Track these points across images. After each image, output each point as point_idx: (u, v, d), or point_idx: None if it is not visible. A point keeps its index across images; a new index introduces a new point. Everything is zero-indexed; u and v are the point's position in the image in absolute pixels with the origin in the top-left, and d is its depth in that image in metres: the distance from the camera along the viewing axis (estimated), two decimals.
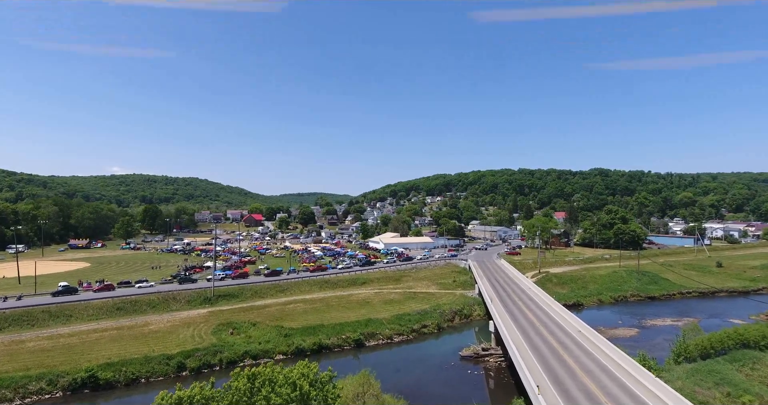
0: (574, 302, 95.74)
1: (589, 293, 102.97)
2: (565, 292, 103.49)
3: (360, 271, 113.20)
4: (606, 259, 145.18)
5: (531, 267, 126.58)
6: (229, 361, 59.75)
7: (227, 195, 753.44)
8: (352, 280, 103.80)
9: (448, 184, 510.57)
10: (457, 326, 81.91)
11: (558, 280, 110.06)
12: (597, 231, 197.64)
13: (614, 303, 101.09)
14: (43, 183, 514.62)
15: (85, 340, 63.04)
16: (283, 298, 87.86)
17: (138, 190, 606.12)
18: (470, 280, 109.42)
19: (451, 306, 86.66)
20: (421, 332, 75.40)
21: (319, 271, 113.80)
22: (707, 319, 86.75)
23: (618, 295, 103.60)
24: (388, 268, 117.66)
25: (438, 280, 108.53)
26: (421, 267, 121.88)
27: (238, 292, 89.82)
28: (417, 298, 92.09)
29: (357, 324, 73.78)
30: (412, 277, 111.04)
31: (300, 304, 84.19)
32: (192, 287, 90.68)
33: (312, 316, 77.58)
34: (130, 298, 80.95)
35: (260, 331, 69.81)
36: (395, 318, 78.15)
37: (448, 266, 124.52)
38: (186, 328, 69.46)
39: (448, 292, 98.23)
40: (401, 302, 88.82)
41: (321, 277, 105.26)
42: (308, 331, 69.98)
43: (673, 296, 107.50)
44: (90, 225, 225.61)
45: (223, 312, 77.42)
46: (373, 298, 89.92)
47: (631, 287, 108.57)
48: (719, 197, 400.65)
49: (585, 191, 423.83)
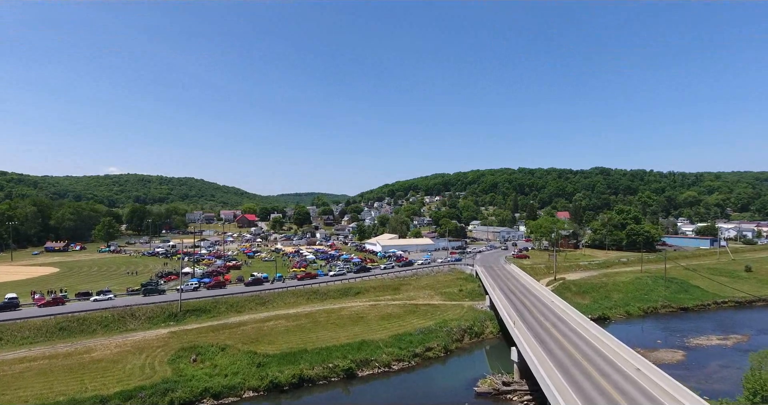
0: (599, 315, 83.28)
1: (614, 304, 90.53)
2: (587, 302, 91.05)
3: (354, 279, 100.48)
4: (624, 263, 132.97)
5: (544, 272, 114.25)
6: (183, 402, 46.96)
7: (223, 195, 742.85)
8: (345, 289, 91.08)
9: (446, 183, 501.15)
10: (467, 347, 69.32)
11: (577, 289, 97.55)
12: (608, 232, 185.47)
13: (643, 315, 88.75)
14: (34, 183, 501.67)
15: (5, 374, 50.10)
16: (263, 313, 75.01)
17: (131, 191, 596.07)
18: (479, 288, 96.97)
19: (459, 322, 73.97)
20: (425, 357, 62.70)
21: (308, 278, 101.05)
22: (757, 335, 74.67)
23: (647, 306, 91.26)
24: (386, 275, 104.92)
25: (442, 289, 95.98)
26: (423, 273, 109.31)
27: (211, 306, 77.00)
28: (419, 312, 79.44)
29: (348, 348, 61.06)
30: (412, 285, 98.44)
31: (282, 320, 71.36)
32: (158, 300, 77.74)
33: (295, 337, 64.83)
34: (79, 315, 67.95)
35: (229, 357, 57.04)
36: (394, 339, 65.46)
37: (452, 272, 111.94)
38: (137, 356, 56.62)
39: (454, 304, 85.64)
40: (401, 317, 76.16)
41: (309, 286, 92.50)
42: (288, 358, 57.20)
43: (708, 307, 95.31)
44: (71, 226, 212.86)
45: (188, 332, 64.54)
46: (368, 313, 77.20)
47: (659, 297, 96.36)
48: (724, 196, 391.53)
49: (586, 191, 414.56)
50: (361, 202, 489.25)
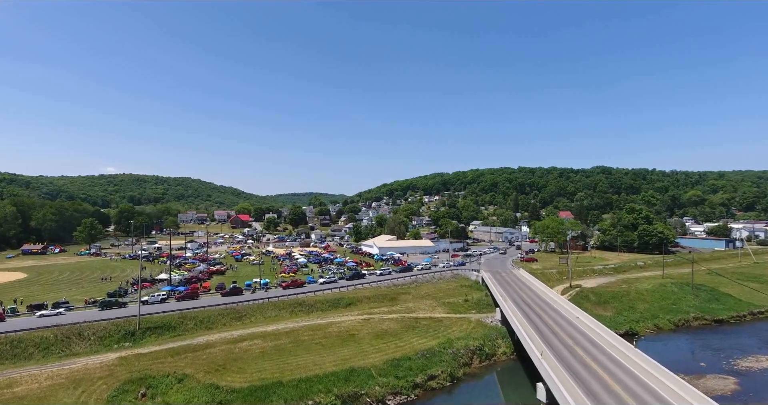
0: (625, 330, 72.58)
1: (640, 317, 79.73)
2: (610, 314, 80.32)
3: (346, 288, 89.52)
4: (641, 267, 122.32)
5: (557, 278, 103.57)
6: None
7: (220, 195, 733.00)
8: (335, 300, 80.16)
9: (445, 183, 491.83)
10: (477, 372, 58.50)
11: (597, 298, 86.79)
12: (618, 233, 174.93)
13: (674, 329, 77.95)
14: (26, 183, 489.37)
15: None
16: (237, 331, 64.07)
17: (126, 191, 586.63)
18: (486, 298, 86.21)
19: (467, 341, 63.02)
20: (428, 388, 51.83)
21: (295, 287, 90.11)
22: None
23: (677, 318, 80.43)
24: (382, 283, 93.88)
25: (445, 299, 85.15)
26: (423, 280, 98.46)
27: (177, 322, 66.05)
28: (419, 328, 68.57)
29: (334, 378, 50.07)
30: (411, 294, 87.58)
31: (258, 340, 60.44)
32: (116, 316, 66.57)
33: (270, 363, 53.87)
34: (15, 335, 56.90)
35: (186, 392, 46.10)
36: (390, 365, 54.55)
37: (455, 279, 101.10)
38: (72, 390, 45.68)
39: (459, 318, 74.81)
40: (398, 335, 65.27)
41: (295, 296, 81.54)
42: (258, 393, 46.22)
43: (744, 318, 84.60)
44: (52, 227, 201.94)
45: (142, 358, 53.54)
46: (361, 330, 66.32)
47: (689, 307, 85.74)
48: (729, 195, 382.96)
49: (588, 190, 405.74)
50: (359, 202, 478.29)
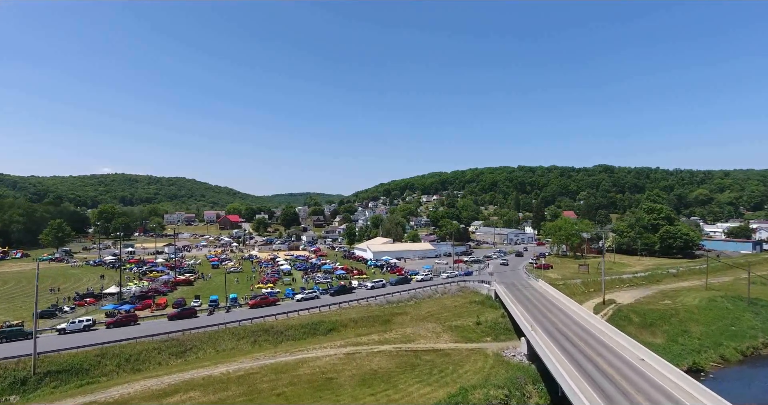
0: (688, 366, 55.75)
1: (699, 345, 62.66)
2: (661, 341, 63.39)
3: (328, 307, 71.96)
4: (674, 275, 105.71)
5: (582, 291, 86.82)
6: None
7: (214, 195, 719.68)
8: (313, 325, 62.85)
9: (444, 182, 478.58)
10: None
11: (641, 320, 69.68)
12: (637, 234, 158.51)
13: (743, 360, 61.34)
14: (13, 183, 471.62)
15: None
16: (172, 376, 46.78)
17: (117, 191, 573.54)
18: (503, 319, 69.13)
19: (487, 390, 45.42)
20: None
21: (266, 305, 72.77)
22: None
23: (746, 346, 63.59)
24: (373, 300, 76.44)
25: (452, 321, 68.06)
26: (424, 295, 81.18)
27: (93, 362, 48.73)
28: (421, 367, 51.40)
29: None
30: (409, 314, 70.41)
31: (196, 392, 43.17)
32: (9, 354, 49.21)
33: None
34: None
35: None
36: None
37: (462, 293, 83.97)
38: None
39: (472, 350, 57.62)
40: (391, 380, 48.06)
41: (262, 320, 64.14)
42: None
43: None
44: (19, 229, 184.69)
45: None
46: (342, 371, 49.11)
47: (752, 329, 69.05)
48: (736, 194, 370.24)
49: (591, 189, 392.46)
50: (356, 201, 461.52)
